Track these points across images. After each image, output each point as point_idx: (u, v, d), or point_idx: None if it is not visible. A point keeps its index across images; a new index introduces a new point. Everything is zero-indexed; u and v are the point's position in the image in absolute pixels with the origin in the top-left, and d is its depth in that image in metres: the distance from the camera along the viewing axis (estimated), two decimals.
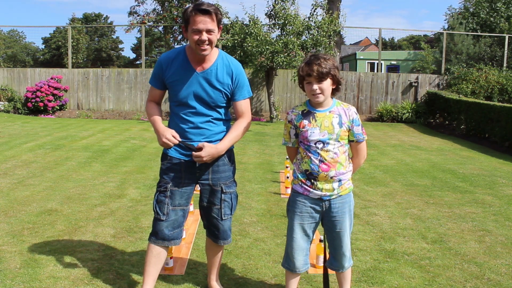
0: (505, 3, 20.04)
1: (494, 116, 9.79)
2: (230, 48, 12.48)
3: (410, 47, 42.46)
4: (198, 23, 2.30)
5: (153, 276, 2.62)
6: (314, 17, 12.53)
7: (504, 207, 4.87)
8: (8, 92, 14.08)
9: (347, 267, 2.58)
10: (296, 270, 2.53)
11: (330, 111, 2.40)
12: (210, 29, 2.32)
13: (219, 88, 2.50)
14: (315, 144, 2.37)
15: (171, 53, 2.54)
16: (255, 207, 4.66)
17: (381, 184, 5.84)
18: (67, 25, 24.93)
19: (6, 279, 2.93)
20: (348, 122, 2.40)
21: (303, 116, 2.42)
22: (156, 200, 2.59)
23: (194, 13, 2.30)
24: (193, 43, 2.35)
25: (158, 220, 2.57)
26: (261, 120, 13.52)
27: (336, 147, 2.38)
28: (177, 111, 2.54)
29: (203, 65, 2.48)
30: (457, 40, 17.77)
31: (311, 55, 2.38)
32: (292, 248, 2.50)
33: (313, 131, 2.37)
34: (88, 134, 9.87)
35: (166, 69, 2.50)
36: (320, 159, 2.36)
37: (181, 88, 2.48)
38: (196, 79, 2.47)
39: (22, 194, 4.96)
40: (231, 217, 2.72)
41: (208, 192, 2.62)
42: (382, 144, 9.40)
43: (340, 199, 2.44)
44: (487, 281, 3.07)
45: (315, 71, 2.30)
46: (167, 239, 2.59)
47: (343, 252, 2.53)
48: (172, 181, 2.56)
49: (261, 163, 7.04)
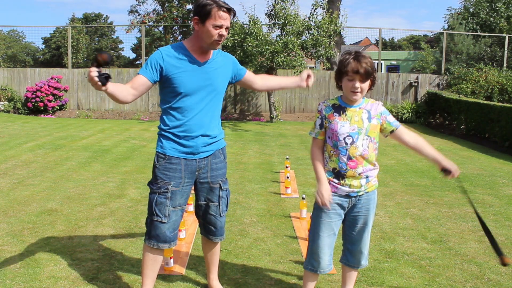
0: (505, 3, 20.04)
1: (494, 116, 9.78)
2: (230, 48, 12.47)
3: (410, 47, 42.47)
4: (223, 19, 2.41)
5: (151, 278, 2.62)
6: (314, 17, 12.52)
7: (504, 207, 4.87)
8: (8, 92, 14.08)
9: (363, 265, 2.59)
10: (321, 270, 2.50)
11: (360, 108, 2.41)
12: (228, 26, 2.46)
13: (222, 75, 2.59)
14: (344, 139, 2.36)
15: (171, 46, 2.55)
16: (255, 207, 4.66)
17: (381, 184, 5.82)
18: (67, 25, 24.93)
19: (6, 279, 2.93)
20: (377, 115, 2.41)
21: (334, 109, 2.42)
22: (155, 202, 2.53)
23: (218, 9, 2.40)
24: (211, 37, 2.43)
25: (158, 222, 2.53)
26: (261, 120, 13.52)
27: (366, 143, 2.37)
28: (177, 105, 2.49)
29: (206, 56, 2.54)
30: (457, 40, 17.77)
31: (356, 52, 2.35)
32: (318, 247, 2.46)
33: (343, 125, 2.36)
34: (88, 134, 9.87)
35: (167, 60, 2.46)
36: (348, 156, 2.35)
37: (185, 79, 2.47)
38: (201, 69, 2.51)
39: (22, 194, 4.96)
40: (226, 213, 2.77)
41: (206, 190, 2.63)
42: (382, 144, 9.38)
43: (366, 195, 2.46)
44: (487, 281, 3.07)
45: (364, 70, 2.29)
46: (168, 241, 2.57)
47: (361, 248, 2.53)
48: (173, 181, 2.53)
49: (261, 163, 7.04)
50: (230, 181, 5.95)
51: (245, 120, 13.49)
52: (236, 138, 9.80)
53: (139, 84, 2.44)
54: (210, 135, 2.57)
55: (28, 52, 45.46)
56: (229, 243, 3.63)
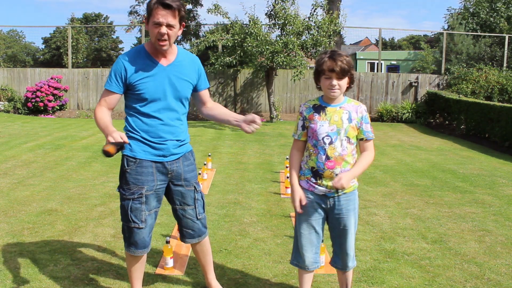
0: (505, 3, 20.04)
1: (494, 116, 9.79)
2: (230, 48, 12.48)
3: (410, 47, 42.45)
4: (159, 17, 2.27)
5: (139, 278, 2.65)
6: (314, 17, 12.52)
7: (504, 207, 4.87)
8: (8, 92, 14.08)
9: (350, 267, 2.58)
10: (306, 267, 2.53)
11: (340, 107, 2.41)
12: (171, 24, 2.30)
13: (186, 79, 2.49)
14: (323, 139, 2.37)
15: (131, 52, 2.46)
16: (255, 207, 4.66)
17: (381, 184, 5.84)
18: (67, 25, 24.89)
19: (6, 279, 2.93)
20: (358, 118, 2.41)
21: (314, 109, 2.43)
22: (130, 209, 2.44)
23: (157, 6, 2.27)
24: (153, 36, 2.33)
25: (136, 228, 2.46)
26: (261, 120, 13.49)
27: (344, 144, 2.38)
28: (144, 111, 2.42)
29: (168, 57, 2.45)
30: (457, 40, 17.77)
31: (332, 50, 2.37)
32: (300, 244, 2.51)
33: (322, 124, 2.38)
34: (88, 134, 9.87)
35: (129, 68, 2.38)
36: (326, 156, 2.37)
37: (150, 85, 2.39)
38: (164, 72, 2.43)
39: (22, 194, 4.96)
40: (205, 215, 2.69)
41: (181, 193, 2.57)
42: (382, 144, 9.40)
43: (345, 196, 2.45)
44: (487, 281, 3.07)
45: (339, 67, 2.30)
46: (147, 245, 2.54)
47: (346, 250, 2.52)
48: (146, 185, 2.44)
49: (261, 163, 7.03)
50: (230, 181, 5.98)
51: None
52: (236, 138, 9.80)
53: (112, 101, 2.43)
54: (179, 139, 2.52)
55: (28, 52, 45.46)
56: (229, 243, 3.63)
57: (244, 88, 14.35)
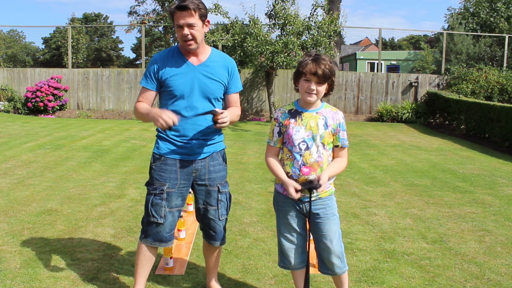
0: (505, 3, 20.05)
1: (494, 116, 9.79)
2: (230, 48, 12.48)
3: (410, 47, 42.46)
4: (179, 19, 2.38)
5: (145, 277, 2.63)
6: (314, 17, 12.53)
7: (504, 207, 4.87)
8: (8, 92, 14.09)
9: (339, 273, 2.49)
10: (293, 268, 2.51)
11: (317, 112, 2.37)
12: (191, 24, 2.38)
13: (217, 79, 2.53)
14: (299, 145, 2.33)
15: (165, 51, 2.56)
16: (255, 207, 4.66)
17: (381, 184, 5.84)
18: (67, 25, 24.90)
19: (6, 279, 2.93)
20: (334, 125, 2.37)
21: (290, 115, 2.39)
22: (151, 203, 2.52)
23: (174, 10, 2.39)
24: (180, 39, 2.44)
25: (154, 223, 2.52)
26: (261, 120, 13.52)
27: (320, 150, 2.34)
28: (172, 108, 2.48)
29: (199, 58, 2.51)
30: (457, 40, 17.78)
31: (316, 54, 2.32)
32: (283, 247, 2.49)
33: (298, 130, 2.34)
34: (88, 134, 9.87)
35: (162, 66, 2.49)
36: (302, 162, 2.32)
37: (180, 82, 2.46)
38: (195, 72, 2.48)
39: (22, 194, 4.96)
40: (227, 218, 2.72)
41: (204, 193, 2.61)
42: (382, 144, 9.40)
43: (321, 201, 2.40)
44: (487, 281, 3.07)
45: (321, 71, 2.25)
46: (164, 240, 2.57)
47: (329, 257, 2.44)
48: (168, 182, 2.51)
49: (261, 163, 7.03)
50: (230, 181, 5.95)
51: (245, 120, 13.49)
52: (236, 138, 9.80)
53: (149, 97, 2.55)
54: (206, 138, 2.54)
55: (28, 52, 45.47)
56: (229, 243, 3.63)
57: (244, 88, 14.35)
